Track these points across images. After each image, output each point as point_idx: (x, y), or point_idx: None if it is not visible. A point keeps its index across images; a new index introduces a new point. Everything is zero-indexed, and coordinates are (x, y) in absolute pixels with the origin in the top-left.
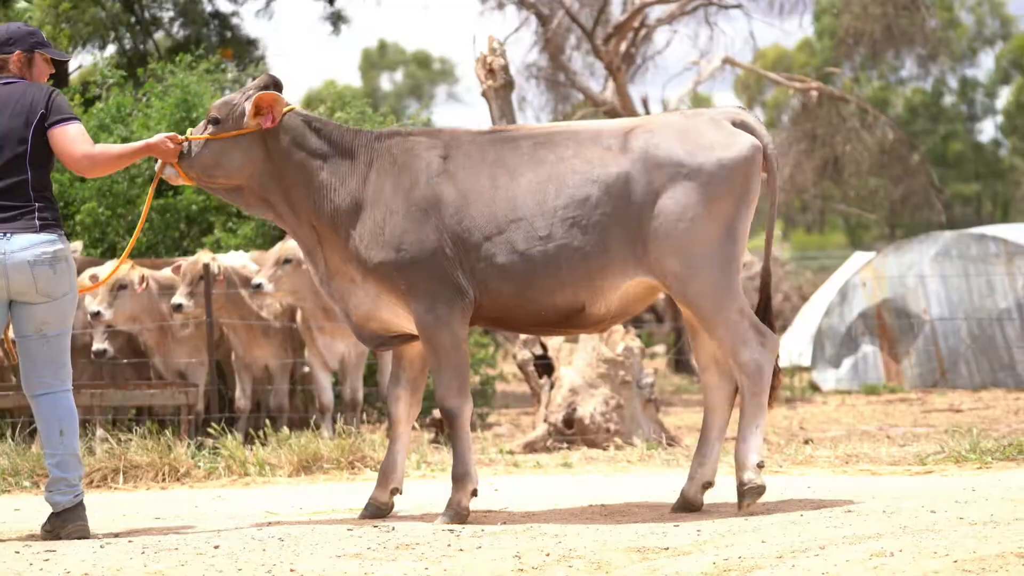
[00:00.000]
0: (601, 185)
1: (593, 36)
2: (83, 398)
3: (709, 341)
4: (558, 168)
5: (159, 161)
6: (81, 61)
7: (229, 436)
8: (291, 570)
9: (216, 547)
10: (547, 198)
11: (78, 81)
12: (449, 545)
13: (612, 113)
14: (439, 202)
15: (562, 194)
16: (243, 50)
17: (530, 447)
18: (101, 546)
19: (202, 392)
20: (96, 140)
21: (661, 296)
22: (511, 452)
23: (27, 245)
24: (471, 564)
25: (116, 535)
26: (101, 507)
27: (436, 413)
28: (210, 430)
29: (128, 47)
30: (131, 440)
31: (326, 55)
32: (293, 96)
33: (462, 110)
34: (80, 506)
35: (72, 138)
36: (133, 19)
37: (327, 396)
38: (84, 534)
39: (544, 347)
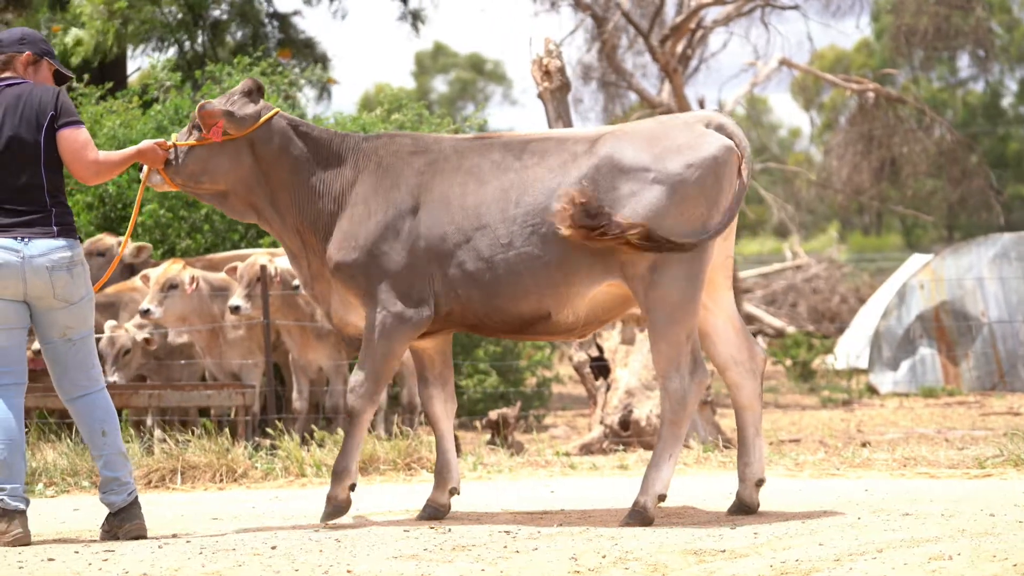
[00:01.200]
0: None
1: (649, 38)
2: (141, 398)
3: (723, 342)
4: (521, 176)
5: (144, 168)
6: (140, 63)
7: (286, 437)
8: (348, 571)
9: (273, 548)
10: (508, 206)
11: (137, 83)
12: (505, 547)
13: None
14: (415, 208)
15: (522, 202)
16: (301, 51)
17: (586, 449)
18: (159, 546)
19: (258, 393)
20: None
21: None
22: (567, 454)
23: (45, 251)
24: (527, 566)
25: (174, 535)
26: (159, 507)
27: (492, 415)
28: (269, 431)
29: (187, 49)
30: (189, 441)
31: (382, 57)
32: (349, 98)
33: (517, 112)
34: (135, 504)
35: (83, 143)
36: (193, 21)
37: (332, 399)
38: (142, 532)
39: (600, 349)
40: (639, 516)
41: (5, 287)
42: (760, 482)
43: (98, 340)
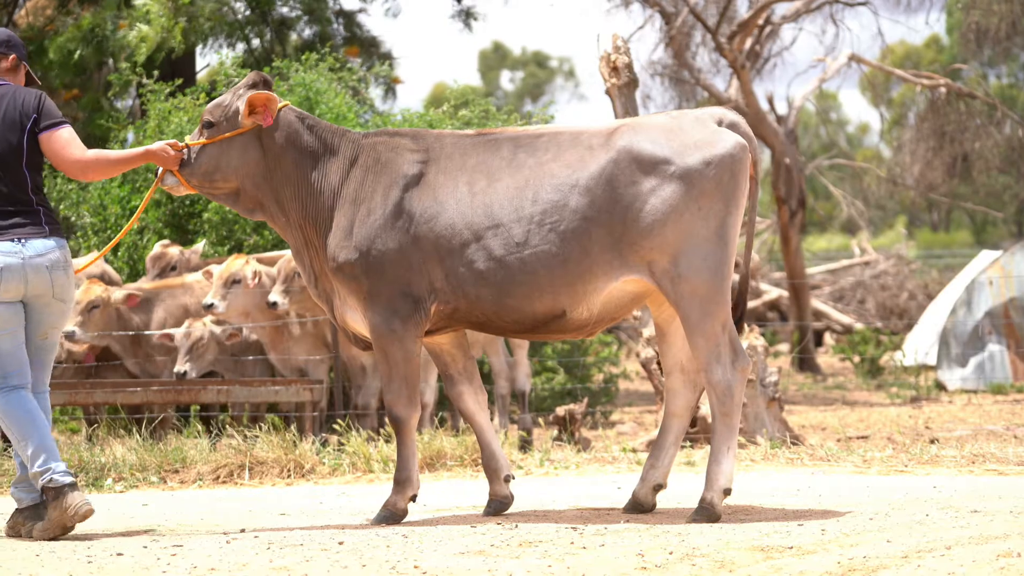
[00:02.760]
0: (581, 189)
1: (717, 33)
2: (209, 394)
3: (677, 347)
4: (536, 173)
5: (160, 170)
6: (209, 60)
7: (353, 432)
8: (415, 566)
9: (341, 543)
10: (524, 204)
11: (205, 80)
12: (572, 543)
13: (736, 111)
14: (415, 207)
15: (539, 200)
16: (367, 49)
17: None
18: (227, 542)
19: (325, 389)
20: None
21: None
22: (634, 450)
23: (43, 251)
24: (594, 561)
25: (242, 530)
26: (227, 502)
27: (559, 411)
28: (336, 426)
29: (255, 47)
30: (257, 437)
31: (448, 54)
32: (416, 96)
33: (584, 108)
34: (43, 504)
35: (66, 142)
36: (260, 18)
37: (426, 396)
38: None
39: None
40: (706, 512)
41: (7, 290)
42: (659, 487)
43: (168, 335)
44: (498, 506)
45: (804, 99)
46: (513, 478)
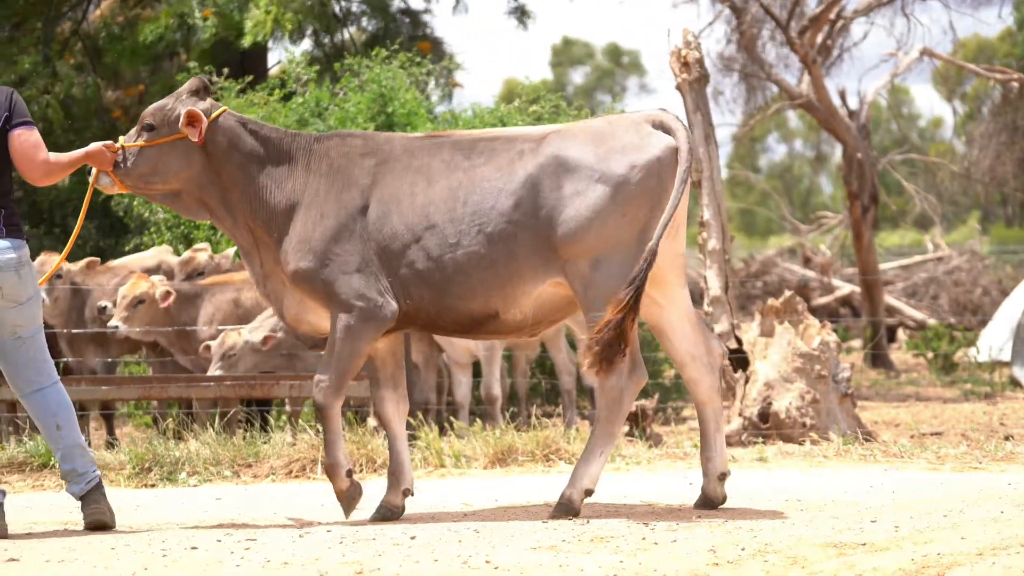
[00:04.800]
0: (507, 193)
1: (788, 28)
2: (282, 390)
3: (678, 338)
4: (469, 175)
5: (93, 170)
6: (280, 56)
7: (425, 428)
8: (487, 561)
9: (413, 538)
10: (456, 205)
11: (276, 75)
12: (643, 538)
13: (807, 107)
14: (366, 208)
15: (469, 201)
16: (433, 45)
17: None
18: (300, 535)
19: None
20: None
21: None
22: None
23: None
24: (666, 557)
25: (315, 524)
26: (300, 497)
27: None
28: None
29: (324, 42)
30: None
31: (516, 50)
32: (486, 92)
33: (652, 102)
34: (95, 490)
35: (35, 143)
36: (328, 15)
37: (461, 392)
38: (101, 518)
39: (739, 341)
40: (564, 508)
41: None
42: (723, 476)
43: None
44: (386, 512)
45: (876, 94)
46: (412, 494)
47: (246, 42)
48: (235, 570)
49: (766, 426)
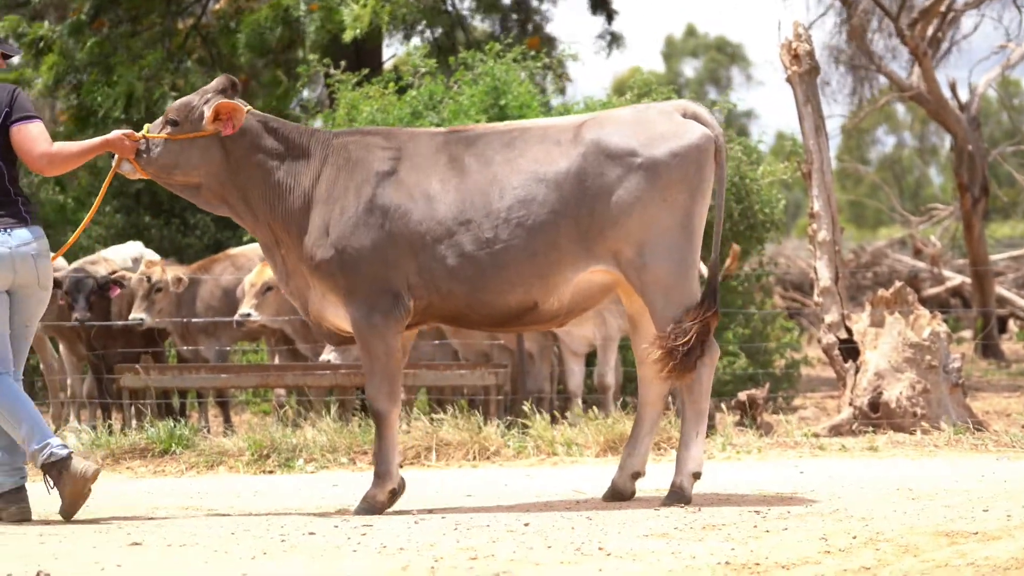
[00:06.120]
0: (549, 183)
1: (898, 20)
2: None
3: (648, 336)
4: (504, 169)
5: (116, 156)
6: (395, 50)
7: (537, 416)
8: (599, 548)
9: (526, 525)
10: (492, 200)
11: (391, 69)
12: (755, 526)
13: (918, 99)
14: (388, 204)
15: (506, 195)
16: (542, 40)
17: (835, 430)
18: (415, 522)
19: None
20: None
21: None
22: (816, 435)
23: (28, 239)
24: (778, 545)
25: (430, 511)
26: (415, 484)
27: (741, 396)
28: (523, 408)
29: (438, 36)
30: (443, 420)
31: (629, 42)
32: (598, 85)
33: (762, 96)
34: (21, 489)
35: (33, 137)
36: (441, 10)
37: (574, 381)
38: (26, 516)
39: (849, 331)
40: (677, 496)
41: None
42: (636, 475)
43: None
44: (369, 508)
45: (987, 86)
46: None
47: (347, 36)
48: (352, 556)
49: (876, 416)
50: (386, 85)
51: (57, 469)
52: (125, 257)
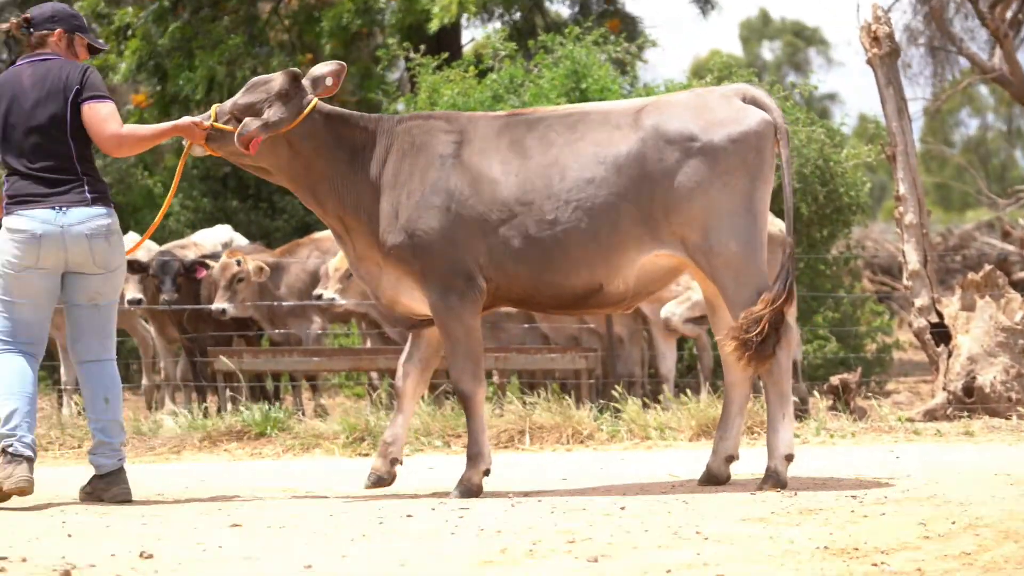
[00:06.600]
0: (608, 166)
1: (977, 3)
2: (487, 362)
3: (727, 316)
4: (565, 151)
5: (186, 142)
6: (473, 34)
7: (630, 400)
8: (697, 532)
9: (623, 508)
10: (553, 182)
11: (471, 53)
12: (852, 511)
13: (1000, 81)
14: (453, 187)
15: (567, 177)
16: (625, 22)
17: (930, 415)
18: (512, 505)
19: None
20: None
21: None
22: (910, 420)
23: (83, 219)
24: (876, 529)
25: (526, 494)
26: (509, 467)
27: (833, 380)
28: (615, 392)
29: (516, 19)
30: (536, 404)
31: (709, 24)
32: (677, 67)
33: (843, 78)
34: (122, 471)
35: (104, 117)
36: None
37: (666, 365)
38: (127, 498)
39: (940, 315)
40: (773, 479)
41: (47, 258)
42: (731, 458)
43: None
44: (376, 480)
45: None
46: (401, 463)
47: (433, 26)
48: (450, 538)
49: (971, 400)
50: (466, 69)
51: (9, 458)
52: (215, 241)
